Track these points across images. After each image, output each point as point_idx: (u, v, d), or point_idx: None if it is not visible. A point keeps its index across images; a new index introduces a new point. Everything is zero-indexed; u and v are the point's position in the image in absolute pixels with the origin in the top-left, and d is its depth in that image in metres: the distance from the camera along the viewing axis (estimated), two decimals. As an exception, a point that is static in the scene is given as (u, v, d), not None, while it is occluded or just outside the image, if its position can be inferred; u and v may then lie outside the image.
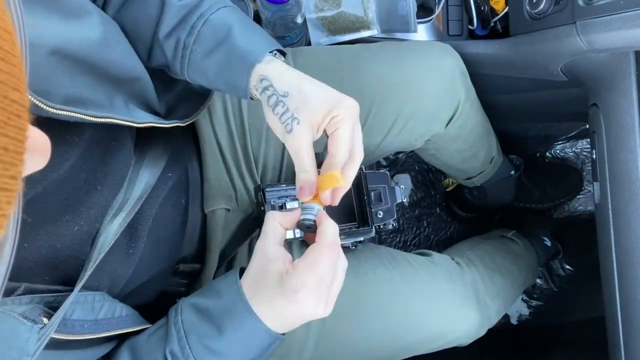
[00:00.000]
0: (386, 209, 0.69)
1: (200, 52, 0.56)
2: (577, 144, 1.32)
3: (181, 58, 0.57)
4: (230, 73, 0.55)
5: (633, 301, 0.66)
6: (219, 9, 0.57)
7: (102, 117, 0.50)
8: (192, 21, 0.56)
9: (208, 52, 0.56)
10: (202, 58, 0.56)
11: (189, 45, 0.56)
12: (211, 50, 0.56)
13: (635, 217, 0.64)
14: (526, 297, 1.32)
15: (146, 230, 0.61)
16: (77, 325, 0.50)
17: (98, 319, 0.53)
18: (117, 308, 0.55)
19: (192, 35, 0.56)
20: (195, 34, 0.56)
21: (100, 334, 0.52)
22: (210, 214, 0.74)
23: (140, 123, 0.55)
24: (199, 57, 0.56)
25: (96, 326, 0.52)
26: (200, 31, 0.56)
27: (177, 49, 0.57)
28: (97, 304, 0.53)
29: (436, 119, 0.82)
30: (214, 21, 0.56)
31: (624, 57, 0.65)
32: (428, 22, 0.90)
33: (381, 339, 0.76)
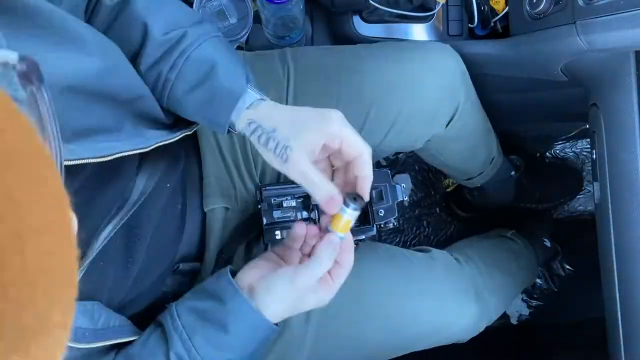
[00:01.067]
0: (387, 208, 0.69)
1: (181, 88, 0.56)
2: (577, 144, 1.32)
3: (161, 90, 0.58)
4: (211, 110, 0.56)
5: (633, 301, 0.66)
6: (201, 45, 0.57)
7: (112, 154, 0.50)
8: (173, 57, 0.56)
9: (190, 89, 0.56)
10: (183, 94, 0.57)
11: (171, 80, 0.57)
12: (193, 87, 0.56)
13: (635, 217, 0.64)
14: (526, 297, 1.32)
15: (145, 245, 0.61)
16: (78, 334, 0.51)
17: (97, 329, 0.53)
18: (112, 317, 0.56)
19: (173, 70, 0.56)
20: (177, 70, 0.56)
21: (98, 343, 0.52)
22: (209, 213, 0.74)
23: (148, 147, 0.55)
24: (180, 94, 0.57)
25: (95, 335, 0.52)
26: (182, 68, 0.56)
27: (158, 82, 0.57)
28: (96, 313, 0.54)
29: (436, 119, 0.82)
30: (196, 58, 0.56)
31: (624, 57, 0.65)
32: (428, 22, 0.90)
33: (380, 334, 0.77)
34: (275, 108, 0.56)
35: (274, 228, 0.71)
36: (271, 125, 0.54)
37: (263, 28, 0.91)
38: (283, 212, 0.71)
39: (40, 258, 0.20)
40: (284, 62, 0.77)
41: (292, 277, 0.54)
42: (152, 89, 0.58)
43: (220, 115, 0.56)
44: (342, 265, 0.56)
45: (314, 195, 0.53)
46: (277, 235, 0.72)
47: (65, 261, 0.21)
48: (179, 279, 0.73)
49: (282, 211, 0.71)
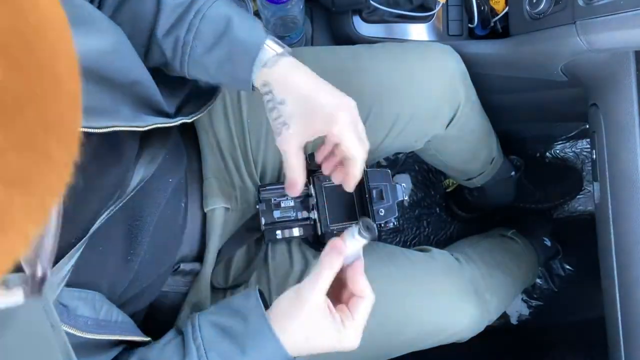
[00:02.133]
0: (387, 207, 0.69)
1: (200, 48, 0.56)
2: (577, 144, 1.32)
3: (181, 55, 0.57)
4: (233, 66, 0.56)
5: (633, 301, 0.66)
6: (215, 2, 0.57)
7: (106, 127, 0.50)
8: (189, 18, 0.56)
9: (209, 47, 0.56)
10: (202, 54, 0.56)
11: (189, 42, 0.56)
12: (212, 46, 0.56)
13: (635, 217, 0.64)
14: (526, 297, 1.32)
15: (147, 237, 0.61)
16: (81, 322, 0.51)
17: (99, 319, 0.53)
18: (114, 311, 0.56)
19: (190, 32, 0.56)
20: (194, 30, 0.56)
21: (101, 335, 0.53)
22: (209, 213, 0.74)
23: (145, 126, 0.55)
24: (200, 53, 0.56)
25: (98, 327, 0.53)
26: (199, 28, 0.56)
27: (176, 47, 0.57)
28: (97, 303, 0.54)
29: (436, 120, 0.82)
30: (211, 16, 0.56)
31: (624, 57, 0.65)
32: (428, 22, 0.90)
33: (380, 334, 0.76)
34: (293, 72, 0.56)
35: (275, 228, 0.71)
36: (282, 96, 0.55)
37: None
38: (282, 212, 0.71)
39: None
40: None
41: (297, 290, 0.54)
42: (172, 56, 0.58)
43: (241, 71, 0.56)
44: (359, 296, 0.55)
45: (286, 171, 0.57)
46: (277, 235, 0.72)
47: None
48: (179, 279, 0.73)
49: (282, 211, 0.71)
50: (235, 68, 0.56)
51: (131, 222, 0.60)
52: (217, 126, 0.76)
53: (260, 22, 0.59)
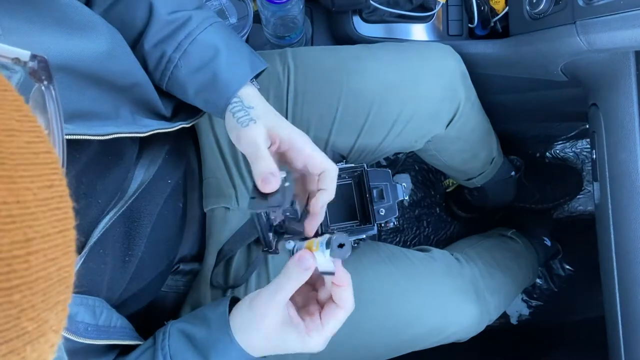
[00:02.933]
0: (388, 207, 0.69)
1: (185, 69, 0.57)
2: (577, 144, 1.32)
3: (163, 70, 0.58)
4: (211, 94, 0.57)
5: (633, 301, 0.66)
6: (206, 28, 0.58)
7: (108, 134, 0.50)
8: (179, 38, 0.57)
9: (193, 71, 0.57)
10: (185, 75, 0.57)
11: (175, 60, 0.57)
12: (196, 70, 0.57)
13: (635, 217, 0.64)
14: (526, 297, 1.32)
15: (144, 238, 0.61)
16: (81, 328, 0.51)
17: (99, 325, 0.53)
18: (113, 317, 0.56)
19: (178, 51, 0.57)
20: (182, 51, 0.57)
21: (100, 341, 0.53)
22: (209, 213, 0.74)
23: (145, 132, 0.56)
24: (183, 74, 0.57)
25: (97, 332, 0.53)
26: (187, 49, 0.57)
27: (161, 61, 0.57)
28: (97, 309, 0.54)
29: (436, 120, 0.82)
30: (201, 41, 0.57)
31: (624, 57, 0.65)
32: (428, 22, 0.90)
33: (381, 334, 0.77)
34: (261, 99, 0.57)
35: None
36: (250, 104, 0.55)
37: (263, 28, 0.91)
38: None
39: (44, 264, 0.20)
40: (284, 62, 0.77)
41: (253, 301, 0.52)
42: (154, 68, 0.58)
43: (218, 101, 0.56)
44: (337, 305, 0.53)
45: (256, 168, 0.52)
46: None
47: (66, 267, 0.22)
48: (179, 279, 0.73)
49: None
50: (213, 96, 0.57)
51: (129, 223, 0.60)
52: (217, 126, 0.76)
53: (249, 55, 0.59)
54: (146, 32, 0.57)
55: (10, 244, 0.18)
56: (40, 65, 0.26)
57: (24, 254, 0.19)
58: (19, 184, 0.19)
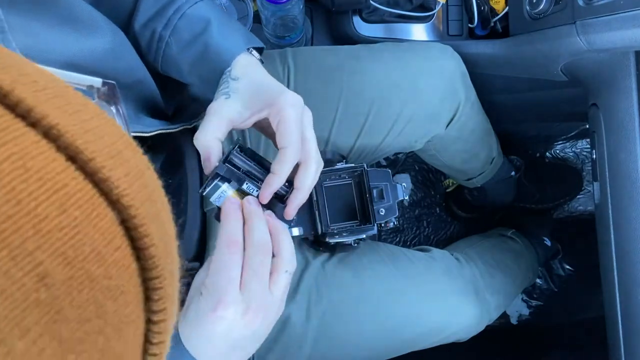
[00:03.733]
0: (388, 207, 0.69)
1: (175, 45, 0.56)
2: (577, 144, 1.32)
3: (156, 50, 0.57)
4: (205, 68, 0.55)
5: (633, 301, 0.66)
6: (196, 3, 0.56)
7: None
8: (168, 14, 0.56)
9: (184, 46, 0.56)
10: (177, 52, 0.56)
11: (165, 37, 0.56)
12: (187, 45, 0.55)
13: (635, 217, 0.64)
14: (526, 297, 1.32)
15: None
16: None
17: None
18: None
19: (168, 28, 0.56)
20: (172, 27, 0.55)
21: None
22: (209, 213, 0.74)
23: (149, 132, 0.56)
24: (175, 51, 0.56)
25: None
26: (176, 25, 0.55)
27: (152, 40, 0.57)
28: None
29: (436, 120, 0.82)
30: (191, 15, 0.56)
31: (624, 57, 0.65)
32: (428, 22, 0.90)
33: (380, 334, 0.77)
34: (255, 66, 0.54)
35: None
36: (237, 74, 0.52)
37: (263, 28, 0.91)
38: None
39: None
40: (284, 62, 0.77)
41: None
42: (147, 48, 0.57)
43: (213, 74, 0.54)
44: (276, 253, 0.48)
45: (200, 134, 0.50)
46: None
47: None
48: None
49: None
50: (207, 70, 0.55)
51: None
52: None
53: (244, 32, 0.57)
54: (136, 12, 0.56)
55: None
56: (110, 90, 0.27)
57: None
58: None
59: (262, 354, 0.74)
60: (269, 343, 0.73)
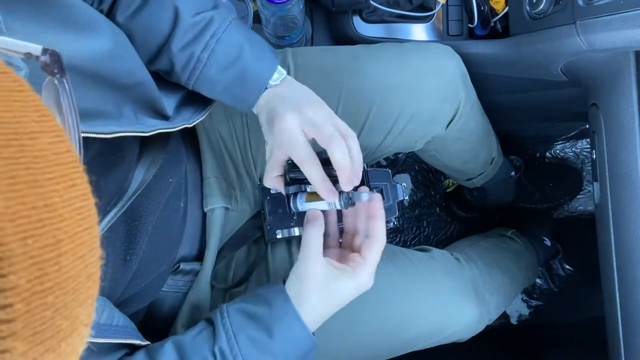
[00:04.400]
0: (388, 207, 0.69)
1: (214, 67, 0.60)
2: (577, 144, 1.32)
3: (192, 70, 0.60)
4: (241, 89, 0.60)
5: (633, 301, 0.66)
6: (228, 27, 0.60)
7: (112, 132, 0.51)
8: (206, 39, 0.59)
9: (222, 68, 0.60)
10: (216, 73, 0.60)
11: (203, 60, 0.59)
12: (225, 67, 0.60)
13: (635, 217, 0.64)
14: (526, 297, 1.32)
15: (145, 237, 0.61)
16: None
17: (100, 323, 0.53)
18: (115, 315, 0.56)
19: (206, 51, 0.59)
20: (210, 50, 0.59)
21: (99, 339, 0.53)
22: (209, 213, 0.74)
23: (149, 131, 0.56)
24: (214, 72, 0.60)
25: (99, 330, 0.53)
26: (214, 49, 0.59)
27: (189, 61, 0.60)
28: (98, 308, 0.54)
29: (436, 120, 0.82)
30: (226, 40, 0.60)
31: (624, 57, 0.65)
32: (428, 22, 0.90)
33: (380, 334, 0.77)
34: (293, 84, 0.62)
35: (275, 227, 0.71)
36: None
37: (263, 28, 0.91)
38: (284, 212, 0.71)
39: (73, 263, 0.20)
40: (284, 62, 0.77)
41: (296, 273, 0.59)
42: (182, 68, 0.60)
43: (249, 95, 0.61)
44: (370, 235, 0.59)
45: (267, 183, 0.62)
46: (277, 234, 0.72)
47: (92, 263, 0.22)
48: (179, 278, 0.73)
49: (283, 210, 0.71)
50: (243, 91, 0.60)
51: (130, 222, 0.60)
52: (218, 126, 0.76)
53: (270, 48, 0.63)
54: (173, 35, 0.59)
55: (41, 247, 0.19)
56: (53, 58, 0.26)
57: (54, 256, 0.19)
58: (45, 187, 0.19)
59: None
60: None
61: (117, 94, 0.53)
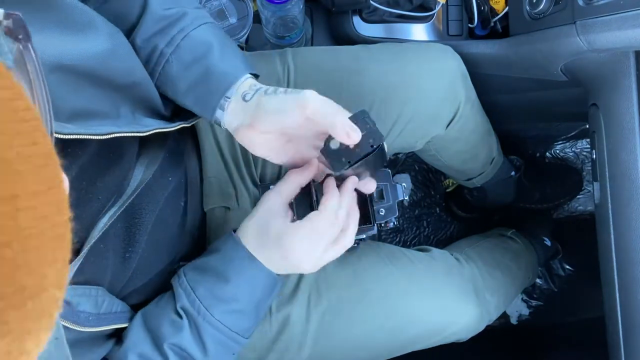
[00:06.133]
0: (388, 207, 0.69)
1: (176, 64, 0.57)
2: (577, 144, 1.32)
3: (154, 65, 0.58)
4: (203, 90, 0.56)
5: (633, 301, 0.66)
6: (200, 26, 0.58)
7: (108, 133, 0.51)
8: (172, 33, 0.57)
9: (185, 66, 0.57)
10: (177, 70, 0.57)
11: (166, 54, 0.57)
12: (188, 65, 0.57)
13: (635, 217, 0.64)
14: (526, 297, 1.32)
15: (145, 235, 0.62)
16: (82, 317, 0.52)
17: (100, 313, 0.54)
18: (114, 303, 0.57)
19: (171, 46, 0.57)
20: (175, 45, 0.57)
21: (101, 327, 0.53)
22: (209, 213, 0.74)
23: (146, 131, 0.56)
24: (175, 69, 0.57)
25: (98, 320, 0.54)
26: (179, 44, 0.57)
27: (152, 55, 0.58)
28: (99, 298, 0.55)
29: (436, 120, 0.82)
30: (194, 37, 0.57)
31: (624, 57, 0.65)
32: (428, 22, 0.90)
33: (380, 334, 0.77)
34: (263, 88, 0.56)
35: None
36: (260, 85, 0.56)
37: (263, 28, 0.91)
38: None
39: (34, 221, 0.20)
40: (284, 63, 0.77)
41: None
42: (145, 62, 0.58)
43: (211, 97, 0.56)
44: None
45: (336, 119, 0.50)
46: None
47: (58, 223, 0.22)
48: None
49: None
50: (205, 93, 0.56)
51: (129, 220, 0.60)
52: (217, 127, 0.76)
53: (244, 57, 0.59)
54: (139, 26, 0.57)
55: None
56: (17, 23, 0.25)
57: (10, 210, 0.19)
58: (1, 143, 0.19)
59: (262, 354, 0.74)
60: (269, 343, 0.73)
61: (114, 93, 0.53)
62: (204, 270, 0.58)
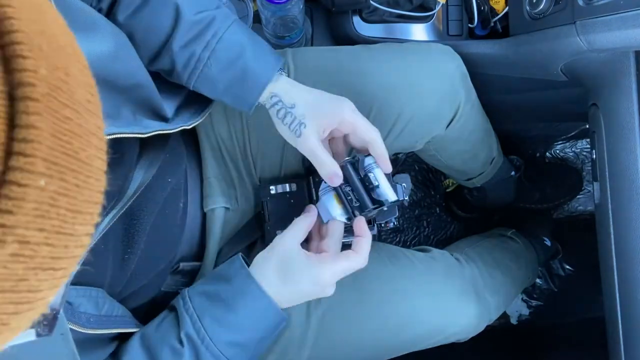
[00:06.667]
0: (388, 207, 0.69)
1: (215, 66, 0.60)
2: (577, 144, 1.32)
3: (192, 69, 0.60)
4: (241, 89, 0.61)
5: (633, 301, 0.66)
6: (230, 26, 0.61)
7: (108, 133, 0.51)
8: (207, 38, 0.59)
9: (222, 68, 0.60)
10: (216, 72, 0.60)
11: (204, 59, 0.60)
12: (225, 67, 0.60)
13: (635, 217, 0.64)
14: (526, 297, 1.32)
15: (144, 236, 0.62)
16: (83, 318, 0.52)
17: (101, 315, 0.54)
18: (115, 306, 0.57)
19: (207, 50, 0.59)
20: (211, 50, 0.59)
21: (102, 330, 0.53)
22: (209, 213, 0.74)
23: (147, 133, 0.56)
24: (213, 71, 0.60)
25: (99, 322, 0.54)
26: (215, 48, 0.59)
27: (190, 60, 0.60)
28: (100, 300, 0.55)
29: (436, 121, 0.82)
30: (227, 39, 0.60)
31: (624, 57, 0.65)
32: (428, 22, 0.90)
33: (380, 334, 0.77)
34: (294, 85, 0.62)
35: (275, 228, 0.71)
36: (291, 102, 0.60)
37: (263, 28, 0.91)
38: None
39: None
40: (284, 63, 0.77)
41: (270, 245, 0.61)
42: (182, 67, 0.61)
43: (249, 95, 0.61)
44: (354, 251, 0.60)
45: (320, 170, 0.60)
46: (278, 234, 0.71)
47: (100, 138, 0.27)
48: (179, 278, 0.73)
49: None
50: (243, 91, 0.61)
51: (129, 221, 0.60)
52: (217, 127, 0.76)
53: (272, 50, 0.64)
54: (174, 34, 0.59)
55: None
56: None
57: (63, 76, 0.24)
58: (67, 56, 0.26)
59: (262, 354, 0.74)
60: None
61: (116, 95, 0.53)
62: (211, 298, 0.58)
